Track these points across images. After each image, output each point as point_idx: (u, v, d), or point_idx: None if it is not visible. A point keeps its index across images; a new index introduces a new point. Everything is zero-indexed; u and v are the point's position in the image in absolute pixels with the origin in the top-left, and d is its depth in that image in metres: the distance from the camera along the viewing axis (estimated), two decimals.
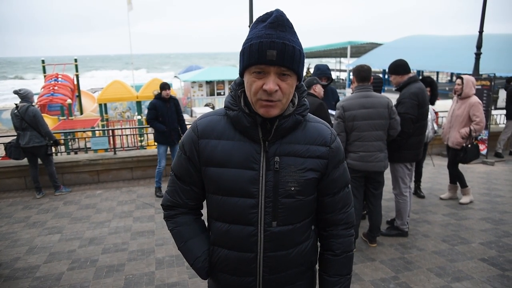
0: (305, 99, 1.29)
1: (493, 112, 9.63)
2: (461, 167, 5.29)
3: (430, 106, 5.08)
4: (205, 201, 1.41)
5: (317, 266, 1.47)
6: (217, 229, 1.31)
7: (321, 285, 1.40)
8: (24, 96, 5.77)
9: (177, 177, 1.37)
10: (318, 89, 4.23)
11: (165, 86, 6.02)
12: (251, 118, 1.21)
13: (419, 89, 3.84)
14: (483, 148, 7.49)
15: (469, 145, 4.95)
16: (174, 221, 1.40)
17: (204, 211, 1.43)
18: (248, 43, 1.14)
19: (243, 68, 1.18)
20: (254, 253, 1.26)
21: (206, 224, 1.45)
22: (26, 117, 5.60)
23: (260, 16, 1.17)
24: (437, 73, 28.14)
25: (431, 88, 4.97)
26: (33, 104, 5.85)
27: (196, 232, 1.39)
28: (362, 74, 3.61)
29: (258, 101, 1.16)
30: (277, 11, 1.14)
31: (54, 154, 6.84)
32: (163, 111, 5.95)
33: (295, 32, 1.17)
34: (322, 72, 4.85)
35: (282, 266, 1.29)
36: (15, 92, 5.83)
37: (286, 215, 1.25)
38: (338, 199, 1.35)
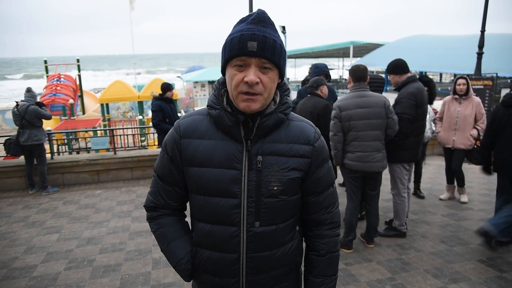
0: (288, 98, 1.28)
1: None
2: (463, 167, 5.25)
3: (430, 106, 5.07)
4: (188, 202, 1.40)
5: (302, 267, 1.45)
6: (200, 229, 1.30)
7: (306, 286, 1.39)
8: (32, 96, 6.06)
9: (159, 178, 1.36)
10: (325, 90, 4.25)
11: (169, 87, 6.06)
12: (233, 116, 1.20)
13: (417, 89, 3.82)
14: None
15: (476, 146, 4.99)
16: (157, 223, 1.38)
17: (188, 212, 1.43)
18: (230, 38, 1.16)
19: (225, 62, 1.18)
20: (237, 254, 1.25)
21: (190, 225, 1.44)
22: (26, 115, 5.80)
23: (243, 17, 1.20)
24: (440, 73, 28.01)
25: (429, 88, 4.94)
26: (33, 104, 5.98)
27: (179, 233, 1.38)
28: (357, 74, 3.60)
29: (239, 94, 1.15)
30: (259, 10, 1.17)
31: (56, 153, 6.89)
32: (168, 111, 5.95)
33: (277, 30, 1.19)
34: (321, 70, 4.86)
35: (265, 267, 1.28)
36: (28, 90, 6.12)
37: (269, 215, 1.24)
38: (323, 198, 1.34)
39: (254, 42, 1.10)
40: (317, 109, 4.04)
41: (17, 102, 5.93)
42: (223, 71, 1.22)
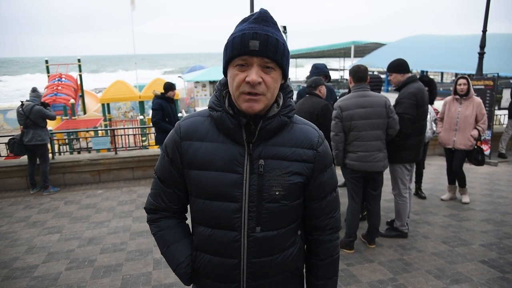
0: (291, 100, 1.25)
1: (497, 112, 9.55)
2: (464, 167, 5.24)
3: (431, 106, 5.05)
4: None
5: (304, 271, 1.44)
6: (200, 233, 1.28)
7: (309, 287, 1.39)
8: (38, 96, 6.08)
9: (160, 180, 1.33)
10: (323, 90, 4.24)
11: (171, 86, 6.05)
12: (235, 119, 1.17)
13: (418, 89, 3.81)
14: (486, 149, 7.42)
15: (476, 146, 4.97)
16: (157, 225, 1.36)
17: (189, 215, 1.41)
18: (231, 37, 1.13)
19: (227, 62, 1.16)
20: (238, 259, 1.22)
21: (191, 228, 1.42)
22: (31, 115, 5.83)
23: (245, 17, 1.18)
24: (442, 73, 27.96)
25: (430, 88, 4.93)
26: (38, 104, 6.01)
27: (180, 236, 1.36)
28: (358, 75, 3.59)
29: (241, 95, 1.12)
30: (261, 9, 1.15)
31: (57, 153, 6.90)
32: (169, 111, 5.93)
33: (279, 29, 1.16)
34: (321, 71, 4.85)
35: (266, 272, 1.26)
36: (34, 90, 6.15)
37: (270, 220, 1.21)
38: (325, 204, 1.31)
39: (256, 41, 1.07)
40: (316, 109, 4.03)
41: (22, 101, 5.96)
42: (225, 72, 1.19)
